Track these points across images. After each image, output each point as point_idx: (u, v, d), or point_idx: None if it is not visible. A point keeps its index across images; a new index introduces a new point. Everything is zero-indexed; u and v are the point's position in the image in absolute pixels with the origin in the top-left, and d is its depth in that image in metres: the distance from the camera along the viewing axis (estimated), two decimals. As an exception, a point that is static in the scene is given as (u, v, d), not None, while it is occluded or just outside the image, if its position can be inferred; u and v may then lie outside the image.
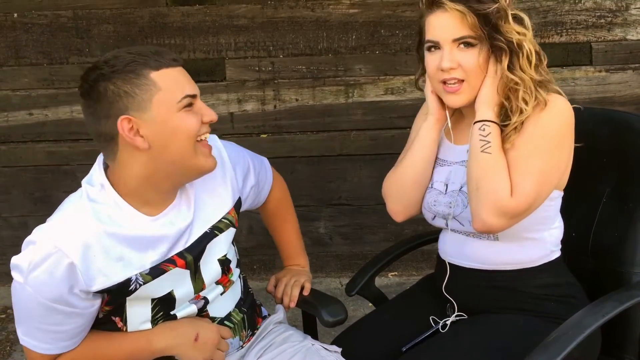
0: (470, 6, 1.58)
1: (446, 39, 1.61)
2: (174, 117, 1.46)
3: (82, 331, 1.52)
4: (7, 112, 3.28)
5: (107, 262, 1.46)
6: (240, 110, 3.27)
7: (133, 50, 1.49)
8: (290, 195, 1.99)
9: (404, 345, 1.75)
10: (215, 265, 1.63)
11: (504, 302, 1.71)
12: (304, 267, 1.96)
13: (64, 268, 1.42)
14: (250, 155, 1.82)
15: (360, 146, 3.29)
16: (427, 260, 3.27)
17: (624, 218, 1.77)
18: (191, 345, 1.57)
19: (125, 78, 1.44)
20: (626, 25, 3.15)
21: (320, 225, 3.40)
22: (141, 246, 1.50)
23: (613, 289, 1.69)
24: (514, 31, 1.58)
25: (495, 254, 1.70)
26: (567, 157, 1.65)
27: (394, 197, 1.81)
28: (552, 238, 1.72)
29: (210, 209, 1.62)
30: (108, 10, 3.19)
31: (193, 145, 1.49)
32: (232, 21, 3.19)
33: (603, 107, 3.08)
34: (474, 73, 1.62)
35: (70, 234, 1.44)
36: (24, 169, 3.32)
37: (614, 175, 1.82)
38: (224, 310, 1.68)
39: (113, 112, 1.44)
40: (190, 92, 1.48)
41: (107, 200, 1.50)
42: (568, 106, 1.63)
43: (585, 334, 1.49)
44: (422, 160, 1.75)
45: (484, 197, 1.58)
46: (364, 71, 3.23)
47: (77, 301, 1.46)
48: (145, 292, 1.51)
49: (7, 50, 3.23)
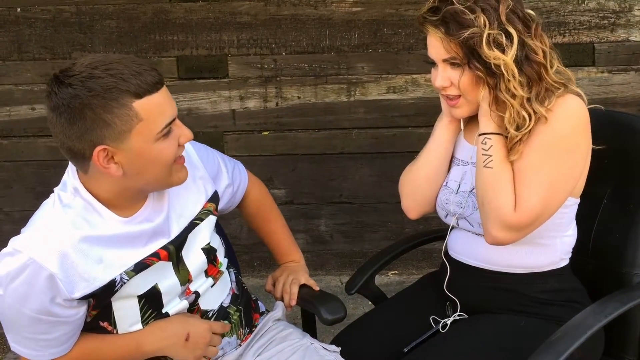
0: (448, 31, 1.56)
1: (438, 59, 1.62)
2: (152, 148, 1.42)
3: (71, 337, 1.50)
4: (9, 107, 3.28)
5: (87, 267, 1.43)
6: (242, 107, 3.27)
7: (112, 69, 1.37)
8: (271, 197, 1.97)
9: (404, 344, 1.74)
10: (199, 254, 1.61)
11: (506, 303, 1.71)
12: (299, 262, 1.95)
13: (44, 279, 1.39)
14: (221, 155, 1.81)
15: (361, 144, 3.29)
16: (427, 259, 3.27)
17: (625, 219, 1.77)
18: (182, 345, 1.55)
19: (106, 106, 1.36)
20: (629, 27, 3.14)
21: (321, 223, 3.40)
22: (121, 244, 1.48)
23: (613, 289, 1.69)
24: (490, 57, 1.54)
25: (503, 256, 1.69)
26: (583, 162, 1.62)
27: (408, 194, 1.81)
28: (564, 246, 1.71)
29: (187, 204, 1.60)
30: (111, 6, 3.19)
31: (168, 169, 1.47)
32: (234, 18, 3.19)
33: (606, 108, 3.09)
34: (466, 90, 1.61)
35: (44, 245, 1.40)
36: (26, 164, 3.32)
37: (615, 176, 1.81)
38: (215, 302, 1.66)
39: (88, 137, 1.38)
40: (170, 118, 1.43)
41: (81, 203, 1.46)
42: (581, 107, 1.59)
43: (588, 334, 1.49)
44: (436, 159, 1.75)
45: (489, 213, 1.58)
46: (366, 69, 3.22)
47: (60, 310, 1.43)
48: (129, 289, 1.49)
49: (10, 45, 3.23)
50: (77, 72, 1.37)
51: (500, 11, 1.55)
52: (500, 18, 1.55)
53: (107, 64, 1.38)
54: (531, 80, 1.57)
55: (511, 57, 1.54)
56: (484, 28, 1.54)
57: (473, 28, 1.54)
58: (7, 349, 2.85)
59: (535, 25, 1.60)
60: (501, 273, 1.71)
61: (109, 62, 1.39)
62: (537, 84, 1.57)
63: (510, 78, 1.55)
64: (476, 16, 1.54)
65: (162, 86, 1.42)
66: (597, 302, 1.60)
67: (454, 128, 1.74)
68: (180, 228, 1.57)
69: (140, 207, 1.52)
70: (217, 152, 1.80)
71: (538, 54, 1.58)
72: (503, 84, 1.56)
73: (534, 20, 1.60)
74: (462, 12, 1.54)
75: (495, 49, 1.54)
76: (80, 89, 1.35)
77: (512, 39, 1.55)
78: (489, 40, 1.54)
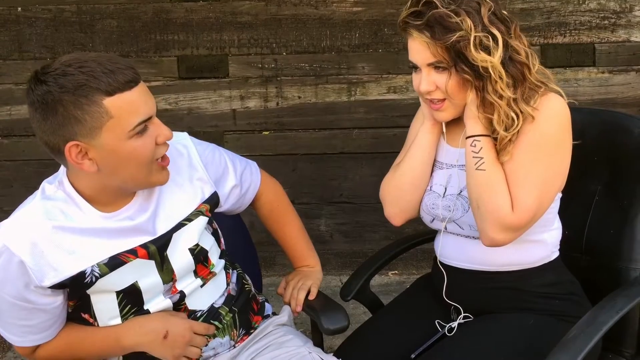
0: (433, 35, 1.54)
1: (422, 63, 1.60)
2: (125, 145, 1.42)
3: (51, 326, 1.54)
4: (10, 106, 3.29)
5: (58, 256, 1.47)
6: (243, 107, 3.28)
7: (85, 67, 1.39)
8: (287, 199, 1.95)
9: (410, 351, 1.72)
10: (185, 254, 1.60)
11: (508, 302, 1.70)
12: (314, 267, 1.92)
13: (15, 266, 1.45)
14: (231, 156, 1.79)
15: (362, 144, 3.29)
16: (427, 259, 3.26)
17: (619, 215, 1.79)
18: (160, 342, 1.55)
19: (76, 102, 1.38)
20: (630, 27, 3.14)
21: (321, 222, 3.40)
22: (97, 237, 1.49)
23: (609, 284, 1.71)
24: (477, 59, 1.53)
25: (495, 256, 1.69)
26: (569, 157, 1.63)
27: (391, 202, 1.79)
28: (552, 239, 1.72)
29: (178, 205, 1.60)
30: (112, 5, 3.19)
31: (146, 168, 1.47)
32: (235, 18, 3.19)
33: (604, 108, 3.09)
34: (453, 93, 1.60)
35: (16, 233, 1.46)
36: (26, 163, 3.33)
37: (605, 173, 1.84)
38: (204, 303, 1.65)
39: (61, 133, 1.41)
40: (144, 116, 1.43)
41: (62, 196, 1.50)
42: (564, 106, 1.60)
43: (603, 331, 1.50)
44: (421, 164, 1.73)
45: (486, 216, 1.57)
46: (366, 69, 3.22)
47: (35, 297, 1.48)
48: (105, 284, 1.50)
49: (10, 44, 3.23)
50: (52, 70, 1.39)
51: (482, 14, 1.54)
52: (484, 20, 1.54)
53: (82, 62, 1.40)
54: (516, 80, 1.57)
55: (498, 59, 1.53)
56: (470, 31, 1.52)
57: (460, 32, 1.53)
58: (7, 347, 2.85)
59: (514, 25, 1.59)
60: (496, 273, 1.70)
61: (84, 60, 1.41)
62: (521, 84, 1.57)
63: (497, 79, 1.54)
64: (462, 19, 1.53)
65: (136, 85, 1.42)
66: (606, 297, 1.60)
67: (437, 132, 1.73)
68: (166, 227, 1.57)
69: (124, 205, 1.53)
70: (226, 152, 1.79)
71: (521, 54, 1.57)
72: (490, 85, 1.55)
73: (513, 21, 1.60)
74: (447, 16, 1.53)
75: (482, 52, 1.53)
76: (53, 86, 1.38)
77: (497, 41, 1.54)
78: (475, 43, 1.53)
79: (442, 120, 1.69)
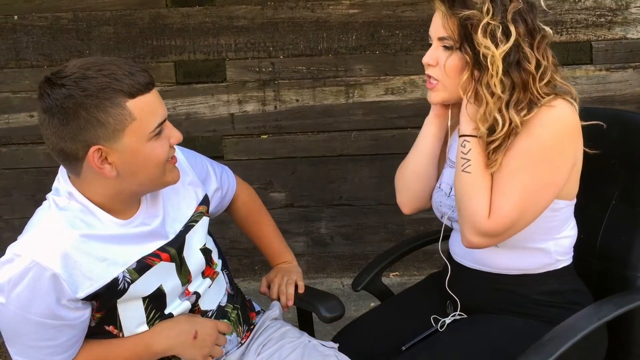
0: (451, 7, 1.56)
1: (434, 36, 1.62)
2: (145, 147, 1.43)
3: (75, 342, 1.48)
4: (7, 114, 3.28)
5: (90, 265, 1.43)
6: (241, 111, 3.27)
7: (105, 69, 1.39)
8: (260, 200, 1.99)
9: (403, 343, 1.75)
10: (198, 255, 1.63)
11: (505, 304, 1.71)
12: (291, 262, 1.96)
13: (47, 280, 1.38)
14: (209, 160, 1.83)
15: (360, 146, 3.29)
16: (428, 261, 3.27)
17: (630, 222, 1.74)
18: (191, 343, 1.56)
19: (99, 105, 1.37)
20: (626, 24, 3.15)
21: (321, 225, 3.40)
22: (121, 243, 1.48)
23: (618, 291, 1.67)
24: (481, 44, 1.53)
25: (496, 259, 1.69)
26: (568, 168, 1.58)
27: (401, 189, 1.83)
28: (559, 248, 1.68)
29: (179, 209, 1.62)
30: (108, 12, 3.19)
31: (162, 168, 1.48)
32: (232, 22, 3.19)
33: (605, 106, 3.09)
34: (448, 72, 1.60)
35: (45, 246, 1.40)
36: (25, 171, 3.32)
37: (623, 178, 1.78)
38: (213, 302, 1.67)
39: (82, 137, 1.39)
40: (162, 118, 1.44)
41: (77, 206, 1.47)
42: (566, 113, 1.55)
43: (578, 337, 1.48)
44: (423, 155, 1.75)
45: (464, 218, 1.57)
46: (364, 71, 3.22)
47: (66, 313, 1.42)
48: (135, 291, 1.49)
49: (7, 52, 3.23)
50: (70, 74, 1.38)
51: (508, 8, 1.54)
52: (506, 15, 1.54)
53: (100, 65, 1.39)
54: (515, 85, 1.55)
55: (501, 53, 1.53)
56: (486, 15, 1.53)
57: (474, 11, 1.54)
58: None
59: (540, 37, 1.57)
60: (498, 275, 1.71)
61: (101, 63, 1.40)
62: (519, 92, 1.55)
63: (493, 73, 1.53)
64: (483, 2, 1.54)
65: (153, 87, 1.44)
66: (593, 304, 1.59)
67: (439, 123, 1.73)
68: (176, 231, 1.59)
69: (135, 212, 1.53)
70: (204, 157, 1.82)
71: (531, 63, 1.55)
72: (485, 78, 1.55)
73: (541, 33, 1.57)
74: None
75: (489, 39, 1.54)
76: (74, 89, 1.36)
77: (509, 38, 1.53)
78: (485, 28, 1.53)
79: (432, 102, 1.70)
